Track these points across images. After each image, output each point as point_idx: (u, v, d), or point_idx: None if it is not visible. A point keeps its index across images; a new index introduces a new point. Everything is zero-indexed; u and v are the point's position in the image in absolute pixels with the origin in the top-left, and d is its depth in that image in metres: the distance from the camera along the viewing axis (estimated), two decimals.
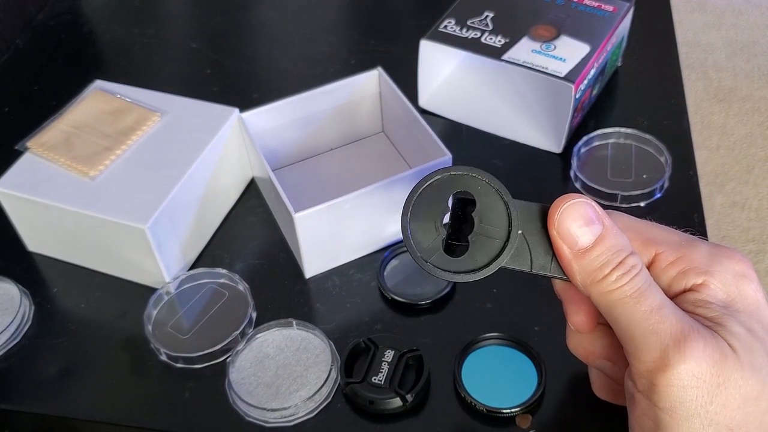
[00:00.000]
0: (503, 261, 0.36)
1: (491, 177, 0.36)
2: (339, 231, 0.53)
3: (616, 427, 0.46)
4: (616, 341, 0.39)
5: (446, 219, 0.36)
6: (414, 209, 0.36)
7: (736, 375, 0.33)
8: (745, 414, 0.33)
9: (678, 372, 0.32)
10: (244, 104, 0.59)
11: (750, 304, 0.35)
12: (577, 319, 0.39)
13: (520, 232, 0.36)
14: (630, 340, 0.34)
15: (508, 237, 0.36)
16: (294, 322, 0.51)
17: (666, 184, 0.59)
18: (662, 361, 0.33)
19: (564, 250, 0.35)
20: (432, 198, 0.36)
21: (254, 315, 0.52)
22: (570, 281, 0.36)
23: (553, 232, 0.35)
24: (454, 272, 0.36)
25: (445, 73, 0.69)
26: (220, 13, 0.81)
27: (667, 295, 0.35)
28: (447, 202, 0.36)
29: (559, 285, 0.40)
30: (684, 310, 0.35)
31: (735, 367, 0.33)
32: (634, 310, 0.34)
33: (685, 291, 0.36)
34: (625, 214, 0.38)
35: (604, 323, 0.40)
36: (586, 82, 0.61)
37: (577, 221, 0.35)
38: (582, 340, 0.40)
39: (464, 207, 0.37)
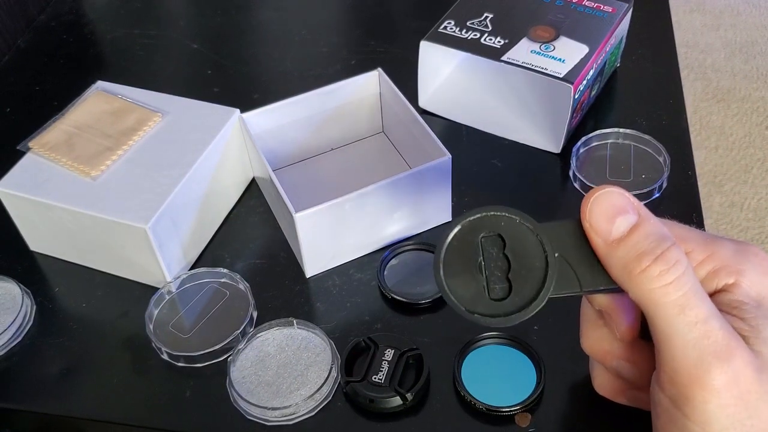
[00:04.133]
0: (549, 290, 0.34)
1: (511, 209, 0.35)
2: (339, 231, 0.54)
3: (615, 425, 0.46)
4: (639, 343, 0.38)
5: (480, 265, 0.35)
6: (445, 265, 0.35)
7: None
8: None
9: (718, 392, 0.31)
10: (245, 105, 0.59)
11: None
12: (624, 326, 0.37)
13: (557, 255, 0.34)
14: (667, 348, 0.32)
15: (547, 264, 0.34)
16: (294, 322, 0.51)
17: (664, 184, 0.59)
18: (701, 380, 0.31)
19: (597, 242, 0.34)
20: (459, 249, 0.35)
21: (255, 314, 0.53)
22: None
23: (586, 225, 0.34)
24: (504, 316, 0.34)
25: (445, 73, 0.70)
26: (221, 14, 0.81)
27: None
28: (476, 249, 0.35)
29: (603, 296, 0.38)
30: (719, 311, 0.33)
31: None
32: (678, 319, 0.32)
33: (716, 291, 0.35)
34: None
35: None
36: (585, 82, 0.61)
37: (609, 210, 0.33)
38: (601, 340, 0.39)
39: (495, 247, 0.35)
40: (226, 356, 0.50)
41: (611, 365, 0.40)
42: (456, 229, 0.35)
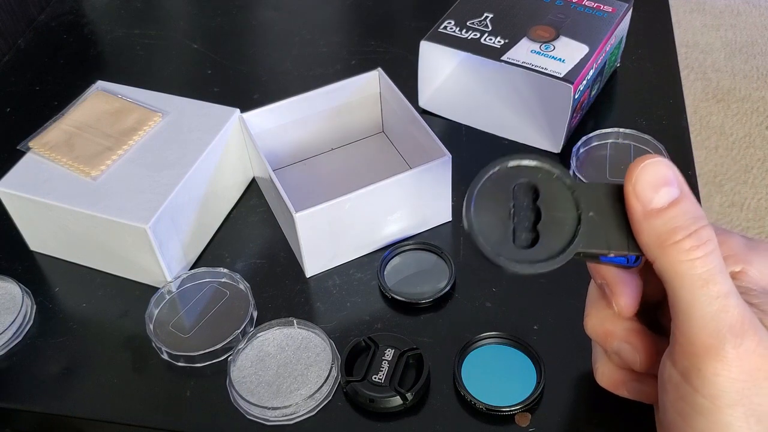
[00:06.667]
0: (579, 245, 0.34)
1: (551, 162, 0.35)
2: (339, 230, 0.54)
3: (615, 425, 0.46)
4: (641, 328, 0.39)
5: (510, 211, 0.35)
6: (476, 205, 0.34)
7: None
8: None
9: (729, 365, 0.32)
10: (245, 104, 0.59)
11: None
12: (623, 301, 0.38)
13: (591, 213, 0.35)
14: (685, 319, 0.33)
15: (579, 221, 0.34)
16: (295, 321, 0.51)
17: None
18: (715, 351, 0.32)
19: (636, 208, 0.34)
20: (492, 192, 0.35)
21: (255, 314, 0.53)
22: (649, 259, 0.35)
23: (629, 188, 0.34)
24: (530, 263, 0.34)
25: (445, 73, 0.70)
26: (221, 14, 0.81)
27: None
28: (509, 194, 0.35)
29: (608, 268, 0.38)
30: None
31: None
32: (701, 291, 0.33)
33: None
34: None
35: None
36: (584, 82, 0.61)
37: (655, 180, 0.34)
38: (604, 321, 0.40)
39: (528, 196, 0.35)
40: (226, 356, 0.51)
41: (612, 348, 0.40)
42: (492, 171, 0.35)
